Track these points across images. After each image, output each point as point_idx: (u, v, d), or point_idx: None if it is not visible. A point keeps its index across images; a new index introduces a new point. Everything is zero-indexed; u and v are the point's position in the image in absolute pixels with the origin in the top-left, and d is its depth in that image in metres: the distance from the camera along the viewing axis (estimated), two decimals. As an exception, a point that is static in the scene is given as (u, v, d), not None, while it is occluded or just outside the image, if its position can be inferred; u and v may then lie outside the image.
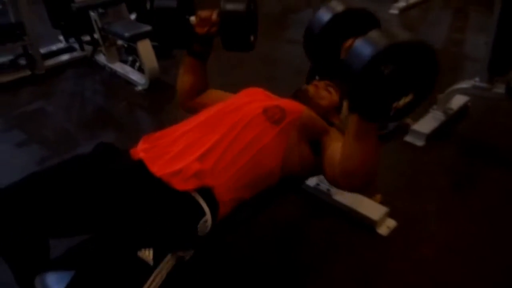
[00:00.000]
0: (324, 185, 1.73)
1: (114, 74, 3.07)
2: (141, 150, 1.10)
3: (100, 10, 2.86)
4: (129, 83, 2.93)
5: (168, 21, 1.29)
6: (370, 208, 1.64)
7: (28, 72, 3.07)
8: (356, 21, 1.16)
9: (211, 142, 1.08)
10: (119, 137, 2.34)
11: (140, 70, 2.92)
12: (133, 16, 3.61)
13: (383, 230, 1.60)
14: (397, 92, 0.89)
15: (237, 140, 1.10)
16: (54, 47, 3.48)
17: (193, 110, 1.43)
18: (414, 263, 1.46)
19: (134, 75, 2.93)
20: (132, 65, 3.05)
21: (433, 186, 1.83)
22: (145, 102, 2.74)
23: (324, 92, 1.32)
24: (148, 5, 3.55)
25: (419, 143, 2.12)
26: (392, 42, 0.85)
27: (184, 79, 1.41)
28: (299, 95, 1.31)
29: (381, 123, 0.96)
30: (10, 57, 3.10)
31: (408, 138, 2.16)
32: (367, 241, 1.56)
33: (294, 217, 1.70)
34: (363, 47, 0.87)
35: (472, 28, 3.76)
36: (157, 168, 1.03)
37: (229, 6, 1.24)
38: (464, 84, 2.13)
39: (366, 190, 1.22)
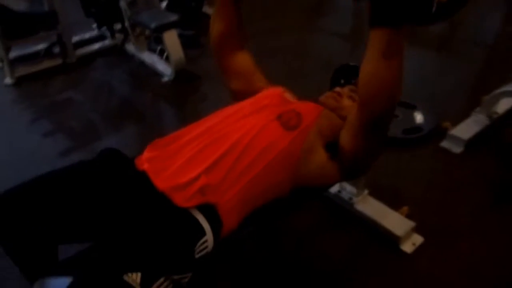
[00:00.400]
0: (346, 193, 1.61)
1: (142, 63, 3.06)
2: (145, 160, 1.04)
3: (129, 0, 2.83)
4: (156, 74, 2.90)
5: None
6: (395, 221, 1.51)
7: (60, 61, 3.12)
8: None
9: (219, 152, 1.00)
10: (141, 129, 2.32)
11: (167, 60, 2.89)
12: (164, 4, 3.59)
13: (407, 247, 1.47)
14: None
15: (248, 150, 1.01)
16: (87, 35, 3.52)
17: (224, 68, 1.33)
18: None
19: (161, 66, 2.90)
20: (160, 54, 3.02)
21: (468, 200, 1.66)
22: (169, 93, 2.70)
23: (347, 101, 1.20)
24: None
25: (457, 150, 1.94)
26: None
27: (215, 23, 1.27)
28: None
29: (423, 23, 0.79)
30: (45, 45, 3.18)
31: (445, 144, 1.98)
32: (389, 258, 1.44)
33: (312, 227, 1.60)
34: None
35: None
36: (161, 181, 0.96)
37: None
38: (511, 87, 1.90)
39: (390, 120, 1.01)
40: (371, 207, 1.56)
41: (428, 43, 3.05)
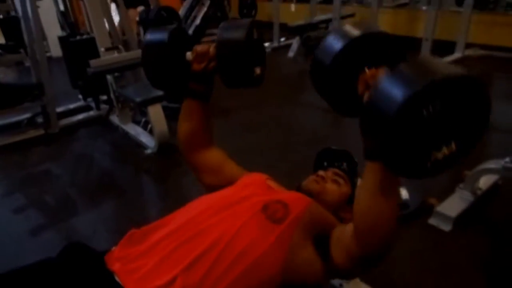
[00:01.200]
0: (337, 279, 1.51)
1: (126, 135, 3.04)
2: (116, 259, 0.95)
3: (116, 74, 2.89)
4: (140, 146, 2.87)
5: (159, 58, 1.10)
6: (389, 312, 1.41)
7: (42, 131, 3.08)
8: (375, 48, 0.89)
9: (198, 250, 0.91)
10: (121, 205, 2.22)
11: (151, 132, 2.88)
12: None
13: None
14: (437, 139, 0.71)
15: (230, 247, 0.92)
16: (72, 106, 3.54)
17: (194, 166, 1.27)
18: None
19: (145, 138, 2.88)
20: (144, 126, 3.02)
21: (463, 285, 1.58)
22: (152, 166, 2.65)
23: (332, 186, 1.16)
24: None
25: (446, 227, 1.90)
26: (436, 77, 0.67)
27: (183, 125, 1.22)
28: (302, 193, 1.15)
29: (415, 177, 0.76)
30: (28, 115, 3.15)
31: (433, 221, 1.94)
32: None
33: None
34: (395, 83, 0.69)
35: (497, 95, 3.60)
36: (132, 285, 0.87)
37: (226, 35, 1.05)
38: (493, 164, 1.93)
39: (383, 257, 0.98)
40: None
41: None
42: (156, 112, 2.68)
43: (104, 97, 3.36)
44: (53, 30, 4.86)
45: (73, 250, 1.01)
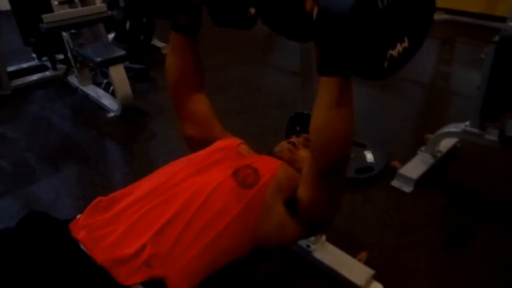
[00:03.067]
0: (304, 241, 1.56)
1: (86, 97, 2.88)
2: (81, 227, 0.91)
3: (73, 31, 2.68)
4: (101, 109, 2.74)
5: None
6: (354, 270, 1.47)
7: (-9, 92, 2.86)
8: None
9: (167, 215, 0.89)
10: (83, 170, 2.14)
11: (114, 94, 2.74)
12: (111, 36, 3.46)
13: (367, 295, 1.43)
14: (391, 36, 0.71)
15: (200, 212, 0.91)
16: (25, 65, 3.28)
17: (180, 112, 1.22)
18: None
19: (107, 100, 2.75)
20: (106, 88, 2.87)
21: (423, 242, 1.67)
22: (116, 131, 2.54)
23: (304, 152, 1.16)
24: (127, 25, 3.40)
25: (407, 189, 1.98)
26: None
27: (171, 63, 1.15)
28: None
29: (373, 78, 0.77)
30: (-26, 75, 2.90)
31: (395, 183, 2.02)
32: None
33: (270, 278, 1.52)
34: None
35: (460, 60, 3.71)
36: (100, 253, 0.84)
37: None
38: (453, 128, 2.01)
39: (345, 167, 0.98)
40: (330, 255, 1.51)
41: (370, 81, 3.20)
42: (118, 73, 2.54)
43: (61, 56, 3.14)
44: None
45: (33, 218, 0.96)
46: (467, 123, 1.93)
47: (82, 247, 0.87)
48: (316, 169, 0.93)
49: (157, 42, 3.70)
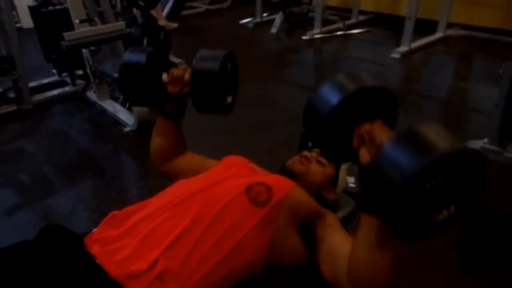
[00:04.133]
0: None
1: (103, 112, 2.94)
2: (95, 241, 0.92)
3: (92, 48, 2.76)
4: (118, 123, 2.79)
5: (136, 78, 1.16)
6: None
7: (14, 107, 2.95)
8: (369, 101, 0.90)
9: (180, 229, 0.90)
10: (99, 184, 2.17)
11: (130, 109, 2.80)
12: (129, 52, 3.55)
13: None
14: (438, 205, 0.73)
15: (213, 227, 0.91)
16: (46, 81, 3.39)
17: (168, 175, 1.29)
18: None
19: (123, 115, 2.80)
20: (123, 103, 2.93)
21: (440, 264, 1.63)
22: (132, 145, 2.58)
23: (316, 166, 1.16)
24: (145, 41, 3.49)
25: (423, 206, 1.95)
26: (441, 152, 0.69)
27: (155, 141, 1.28)
28: (287, 173, 1.14)
29: (414, 240, 0.78)
30: (-1, 90, 3.01)
31: (411, 200, 1.98)
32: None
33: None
34: (401, 154, 0.70)
35: (477, 76, 3.65)
36: (113, 267, 0.85)
37: (201, 65, 1.12)
38: (471, 145, 1.97)
39: None
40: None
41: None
42: (135, 89, 2.59)
43: (80, 72, 3.23)
44: (23, 0, 4.59)
45: (51, 232, 0.98)
46: (486, 140, 1.90)
47: (97, 261, 0.88)
48: None
49: (173, 58, 3.77)
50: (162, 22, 4.23)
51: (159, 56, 1.24)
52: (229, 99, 1.20)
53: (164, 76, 1.18)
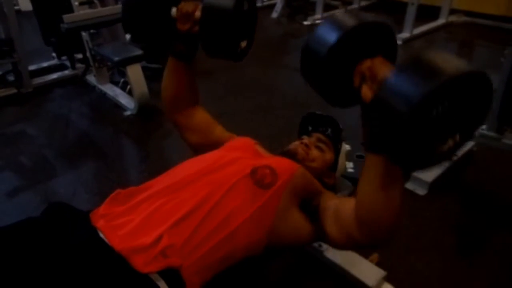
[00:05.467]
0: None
1: (103, 96, 2.94)
2: (101, 216, 0.94)
3: (92, 31, 2.74)
4: (118, 107, 2.79)
5: (142, 11, 1.03)
6: (366, 271, 1.47)
7: (14, 90, 2.94)
8: (368, 38, 0.84)
9: (185, 209, 0.92)
10: (100, 167, 2.18)
11: (131, 93, 2.79)
12: (129, 36, 3.52)
13: (379, 297, 1.43)
14: (444, 133, 0.71)
15: (217, 209, 0.93)
16: (45, 64, 3.37)
17: (178, 125, 1.27)
18: None
19: (124, 99, 2.80)
20: (123, 87, 2.93)
21: (436, 245, 1.66)
22: (132, 128, 2.59)
23: (315, 152, 1.17)
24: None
25: (421, 192, 1.97)
26: (448, 76, 0.66)
27: (167, 84, 1.21)
28: (287, 157, 1.16)
29: (420, 169, 0.78)
30: (-2, 73, 3.00)
31: (409, 186, 2.00)
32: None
33: (280, 278, 1.53)
34: (406, 80, 0.68)
35: (478, 63, 3.64)
36: (118, 241, 0.87)
37: (213, 1, 0.98)
38: (470, 131, 1.98)
39: (386, 242, 1.01)
40: (341, 255, 1.51)
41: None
42: (135, 72, 2.59)
43: (80, 56, 3.21)
44: (21, -19, 4.53)
45: (56, 208, 1.00)
46: (484, 126, 1.91)
47: (101, 235, 0.90)
48: (357, 238, 0.91)
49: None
50: None
51: None
52: (243, 44, 1.06)
53: (173, 11, 1.06)
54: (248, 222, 0.94)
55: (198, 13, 1.02)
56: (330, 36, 0.80)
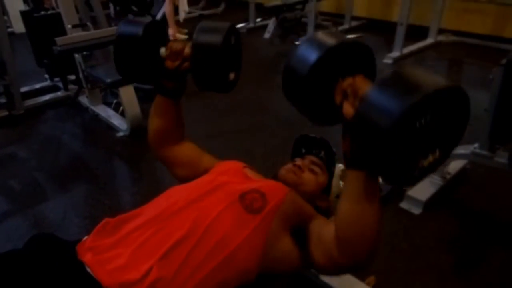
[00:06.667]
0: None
1: (96, 117, 2.93)
2: (88, 249, 0.91)
3: (85, 53, 2.75)
4: (111, 128, 2.78)
5: (132, 52, 1.06)
6: (362, 294, 1.44)
7: (5, 112, 2.92)
8: (349, 57, 0.86)
9: (174, 239, 0.89)
10: (92, 190, 2.15)
11: (123, 114, 2.78)
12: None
13: (376, 321, 1.40)
14: (425, 148, 0.72)
15: (206, 237, 0.90)
16: (38, 86, 3.37)
17: (164, 161, 1.25)
18: None
19: (116, 120, 2.79)
20: (116, 108, 2.92)
21: (433, 265, 1.64)
22: (125, 150, 2.57)
23: (308, 175, 1.15)
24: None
25: (416, 211, 1.96)
26: (428, 90, 0.67)
27: (153, 121, 1.20)
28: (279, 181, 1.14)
29: (402, 185, 0.79)
30: (-12, 96, 2.98)
31: (404, 205, 1.99)
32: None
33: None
34: (387, 95, 0.69)
35: (468, 82, 3.70)
36: (105, 276, 0.84)
37: (203, 38, 1.03)
38: (462, 150, 1.99)
39: (368, 264, 0.99)
40: (337, 278, 1.48)
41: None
42: (128, 94, 2.58)
43: (72, 77, 3.22)
44: (14, 5, 4.56)
45: (40, 240, 0.97)
46: (476, 145, 1.91)
47: (88, 270, 0.87)
48: (338, 259, 0.90)
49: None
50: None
51: (157, 28, 1.13)
52: (232, 75, 1.11)
53: (162, 50, 1.10)
54: (239, 249, 0.91)
55: (187, 50, 1.07)
56: (311, 55, 0.81)
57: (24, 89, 3.16)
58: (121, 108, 2.77)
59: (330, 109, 0.84)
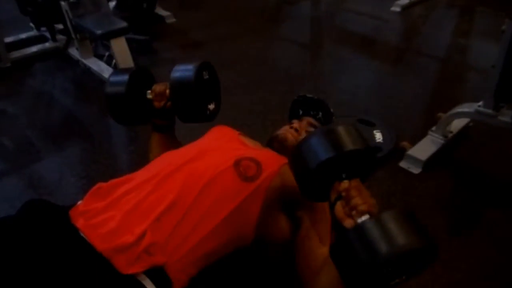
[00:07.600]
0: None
1: (87, 70, 2.81)
2: (81, 213, 0.89)
3: (71, 0, 2.57)
4: (104, 82, 2.66)
5: (121, 102, 1.21)
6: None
7: (-10, 65, 2.80)
8: (355, 160, 0.89)
9: (166, 201, 0.88)
10: (87, 148, 2.12)
11: (116, 67, 2.67)
12: (112, 4, 3.33)
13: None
14: (394, 277, 0.81)
15: (199, 200, 0.90)
16: (23, 36, 3.19)
17: None
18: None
19: (109, 74, 2.66)
20: (108, 62, 2.79)
21: (428, 224, 1.63)
22: (119, 106, 2.49)
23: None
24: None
25: (416, 170, 1.94)
26: (397, 251, 0.75)
27: (153, 153, 1.30)
28: (276, 145, 1.11)
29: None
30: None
31: (404, 164, 1.97)
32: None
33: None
34: (369, 241, 0.76)
35: (478, 32, 3.53)
36: (99, 240, 0.83)
37: (177, 77, 1.17)
38: (466, 108, 1.93)
39: None
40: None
41: (384, 55, 3.08)
42: (120, 46, 2.46)
43: (60, 27, 3.04)
44: None
45: (33, 206, 0.95)
46: (481, 103, 1.85)
47: (82, 234, 0.86)
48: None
49: (160, 11, 3.56)
50: None
51: (143, 74, 1.28)
52: (211, 106, 1.24)
53: (148, 93, 1.24)
54: (232, 216, 0.91)
55: (167, 91, 1.20)
56: (322, 152, 0.84)
57: (8, 39, 3.00)
58: (113, 61, 2.65)
59: (324, 194, 0.89)
